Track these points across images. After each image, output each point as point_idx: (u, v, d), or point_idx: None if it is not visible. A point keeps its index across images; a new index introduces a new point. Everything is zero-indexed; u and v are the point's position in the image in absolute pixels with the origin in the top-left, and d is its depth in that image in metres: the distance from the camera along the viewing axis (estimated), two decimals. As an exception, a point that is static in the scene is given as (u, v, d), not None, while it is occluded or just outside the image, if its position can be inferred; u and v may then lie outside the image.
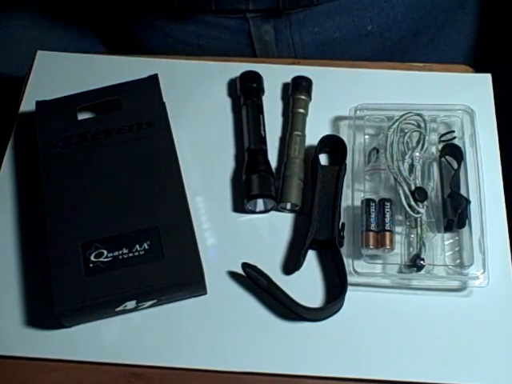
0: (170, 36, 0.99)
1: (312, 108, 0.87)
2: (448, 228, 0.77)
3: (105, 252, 0.74)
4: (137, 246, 0.75)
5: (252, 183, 0.80)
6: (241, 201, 0.81)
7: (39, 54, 0.93)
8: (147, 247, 0.75)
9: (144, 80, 0.86)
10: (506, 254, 0.78)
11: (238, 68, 0.89)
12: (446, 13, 1.02)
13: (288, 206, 0.81)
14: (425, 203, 0.76)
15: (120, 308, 0.74)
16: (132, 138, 0.81)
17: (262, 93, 0.88)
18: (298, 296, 0.74)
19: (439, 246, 0.77)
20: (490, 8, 0.96)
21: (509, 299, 0.75)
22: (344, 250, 0.77)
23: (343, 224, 0.78)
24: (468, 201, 0.78)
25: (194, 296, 0.76)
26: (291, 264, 0.78)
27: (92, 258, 0.74)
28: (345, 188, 0.80)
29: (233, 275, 0.78)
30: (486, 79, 0.89)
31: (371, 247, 0.76)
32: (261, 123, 0.85)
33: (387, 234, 0.76)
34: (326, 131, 0.85)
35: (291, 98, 0.87)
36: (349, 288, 0.75)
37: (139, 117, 0.83)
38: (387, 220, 0.76)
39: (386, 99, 0.85)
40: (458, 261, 0.77)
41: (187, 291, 0.76)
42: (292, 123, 0.85)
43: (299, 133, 0.84)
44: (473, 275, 0.75)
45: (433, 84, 0.89)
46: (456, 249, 0.78)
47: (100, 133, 0.82)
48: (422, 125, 0.81)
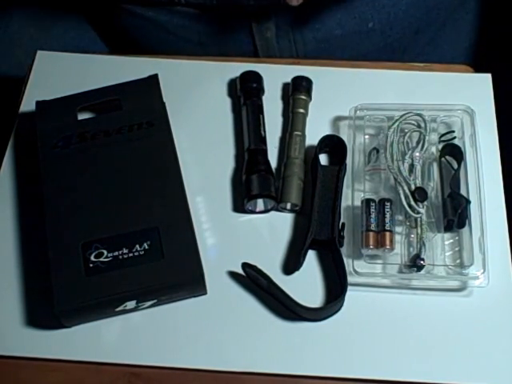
0: (171, 33, 0.99)
1: (312, 108, 0.87)
2: (448, 228, 0.77)
3: (105, 252, 0.74)
4: (137, 246, 0.75)
5: (252, 183, 0.80)
6: (241, 201, 0.81)
7: (39, 54, 0.93)
8: (147, 247, 0.75)
9: (144, 80, 0.86)
10: (506, 254, 0.78)
11: (238, 68, 0.89)
12: (447, 11, 1.02)
13: (288, 206, 0.81)
14: (425, 203, 0.76)
15: (120, 308, 0.74)
16: (132, 138, 0.81)
17: (262, 93, 0.88)
18: (298, 296, 0.74)
19: (439, 246, 0.77)
20: (491, 7, 0.96)
21: (509, 299, 0.75)
22: (344, 250, 0.77)
23: (343, 224, 0.78)
24: (468, 201, 0.78)
25: (194, 296, 0.76)
26: (291, 264, 0.78)
27: (92, 258, 0.74)
28: (345, 188, 0.80)
29: (233, 275, 0.78)
30: (486, 79, 0.89)
31: (371, 247, 0.76)
32: (261, 123, 0.85)
33: (387, 234, 0.76)
34: (326, 131, 0.85)
35: (291, 98, 0.87)
36: (349, 288, 0.75)
37: (139, 117, 0.83)
38: (387, 220, 0.76)
39: (386, 99, 0.85)
40: (458, 261, 0.77)
41: (187, 291, 0.76)
42: (292, 123, 0.85)
43: (299, 133, 0.84)
44: (473, 275, 0.75)
45: (433, 84, 0.89)
46: (456, 249, 0.78)
47: (100, 133, 0.82)
48: (422, 125, 0.81)
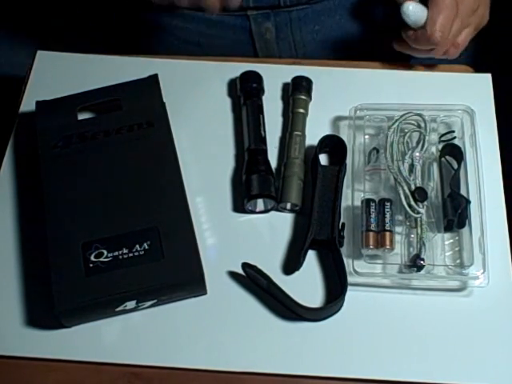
0: (172, 34, 0.99)
1: (312, 108, 0.87)
2: (448, 228, 0.77)
3: (105, 252, 0.74)
4: (137, 246, 0.75)
5: (252, 183, 0.80)
6: (241, 201, 0.81)
7: (39, 54, 0.93)
8: (147, 247, 0.75)
9: (144, 80, 0.86)
10: (506, 254, 0.78)
11: (238, 68, 0.89)
12: None
13: (288, 206, 0.81)
14: (425, 203, 0.76)
15: (120, 308, 0.74)
16: (132, 138, 0.81)
17: (262, 93, 0.88)
18: (298, 296, 0.74)
19: (439, 246, 0.77)
20: (490, 8, 0.96)
21: (509, 299, 0.76)
22: (344, 250, 0.77)
23: (343, 224, 0.78)
24: (468, 201, 0.78)
25: (194, 296, 0.76)
26: (291, 264, 0.78)
27: (92, 258, 0.74)
28: (345, 188, 0.80)
29: (233, 275, 0.78)
30: (486, 79, 0.89)
31: (371, 247, 0.76)
32: (261, 123, 0.85)
33: (387, 234, 0.76)
34: (326, 131, 0.85)
35: (291, 98, 0.87)
36: (349, 288, 0.75)
37: (139, 117, 0.83)
38: (387, 220, 0.76)
39: (386, 99, 0.85)
40: (458, 261, 0.77)
41: (187, 291, 0.76)
42: (292, 123, 0.85)
43: (299, 133, 0.84)
44: (473, 275, 0.75)
45: (433, 84, 0.89)
46: (456, 249, 0.78)
47: (100, 133, 0.82)
48: (422, 125, 0.81)
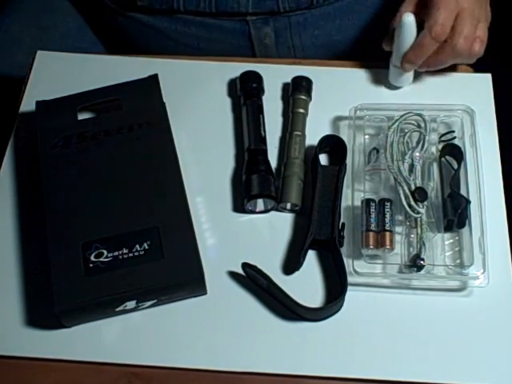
0: (171, 38, 0.99)
1: (312, 108, 0.87)
2: (448, 228, 0.77)
3: (105, 252, 0.74)
4: (137, 246, 0.75)
5: (252, 183, 0.80)
6: (241, 201, 0.81)
7: (39, 54, 0.93)
8: (147, 247, 0.75)
9: (144, 80, 0.86)
10: (506, 254, 0.78)
11: (238, 68, 0.89)
12: None
13: (288, 206, 0.81)
14: (425, 203, 0.76)
15: (120, 308, 0.74)
16: (132, 138, 0.81)
17: (262, 93, 0.88)
18: (298, 296, 0.74)
19: (439, 246, 0.77)
20: (491, 7, 0.96)
21: (509, 299, 0.76)
22: (344, 250, 0.77)
23: (343, 224, 0.78)
24: (468, 201, 0.78)
25: (194, 296, 0.76)
26: (291, 264, 0.78)
27: (92, 258, 0.74)
28: (345, 188, 0.80)
29: (233, 275, 0.78)
30: (486, 79, 0.89)
31: (371, 247, 0.76)
32: (261, 123, 0.85)
33: (387, 234, 0.76)
34: (326, 131, 0.85)
35: (291, 98, 0.87)
36: (349, 288, 0.75)
37: (139, 117, 0.83)
38: (387, 220, 0.76)
39: (386, 99, 0.85)
40: (458, 261, 0.77)
41: (187, 291, 0.76)
42: (292, 123, 0.85)
43: (299, 133, 0.84)
44: (473, 275, 0.75)
45: (433, 84, 0.89)
46: (456, 249, 0.78)
47: (100, 133, 0.82)
48: (422, 125, 0.81)
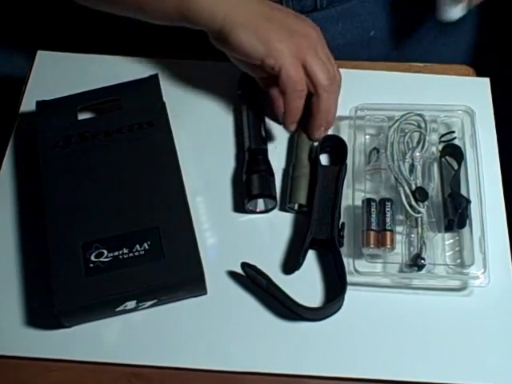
0: (175, 37, 0.99)
1: (312, 108, 0.87)
2: (448, 228, 0.77)
3: (105, 252, 0.74)
4: (137, 246, 0.75)
5: (252, 183, 0.80)
6: (241, 201, 0.81)
7: (39, 54, 0.93)
8: (147, 247, 0.74)
9: (144, 80, 0.86)
10: (506, 254, 0.78)
11: (238, 68, 0.89)
12: None
13: (296, 207, 0.81)
14: (425, 203, 0.76)
15: (120, 308, 0.74)
16: (132, 138, 0.81)
17: (262, 93, 0.88)
18: (298, 296, 0.74)
19: (440, 246, 0.77)
20: (490, 8, 0.96)
21: (509, 299, 0.76)
22: (345, 250, 0.77)
23: (343, 224, 0.78)
24: (468, 201, 0.78)
25: (194, 296, 0.76)
26: (291, 264, 0.78)
27: (92, 258, 0.74)
28: (345, 188, 0.80)
29: (233, 275, 0.78)
30: (485, 83, 0.89)
31: (372, 246, 0.76)
32: (261, 123, 0.85)
33: (388, 234, 0.76)
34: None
35: None
36: (349, 288, 0.75)
37: (139, 117, 0.83)
38: (388, 220, 0.76)
39: (387, 99, 0.85)
40: (459, 260, 0.77)
41: (187, 291, 0.76)
42: None
43: None
44: (473, 275, 0.75)
45: (432, 86, 0.89)
46: (456, 248, 0.78)
47: (100, 133, 0.82)
48: (423, 125, 0.81)
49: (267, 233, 0.82)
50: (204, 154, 0.85)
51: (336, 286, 0.76)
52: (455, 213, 0.77)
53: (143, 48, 1.00)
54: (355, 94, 0.86)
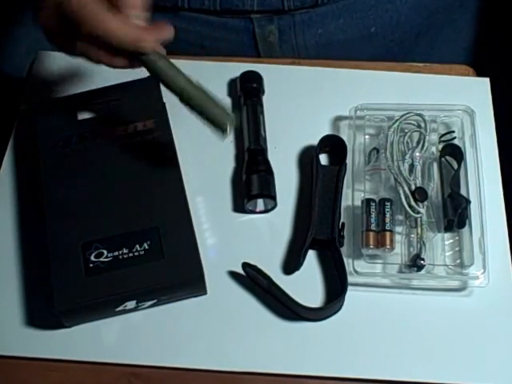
0: (174, 36, 0.99)
1: (312, 108, 0.87)
2: (448, 228, 0.77)
3: (105, 252, 0.74)
4: (137, 246, 0.75)
5: (252, 183, 0.80)
6: (241, 201, 0.81)
7: (39, 54, 0.93)
8: (147, 247, 0.74)
9: (144, 80, 0.86)
10: (506, 254, 0.78)
11: (238, 68, 0.89)
12: (447, 13, 1.02)
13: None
14: (425, 203, 0.76)
15: (120, 308, 0.74)
16: (132, 138, 0.81)
17: (262, 93, 0.88)
18: (298, 296, 0.74)
19: (439, 246, 0.77)
20: (490, 7, 0.97)
21: (509, 299, 0.76)
22: (344, 250, 0.77)
23: (343, 224, 0.78)
24: (468, 201, 0.78)
25: (194, 296, 0.76)
26: (291, 264, 0.78)
27: (92, 258, 0.74)
28: (345, 188, 0.80)
29: (233, 275, 0.78)
30: (485, 83, 0.89)
31: (371, 247, 0.76)
32: (261, 123, 0.85)
33: (387, 234, 0.76)
34: (326, 131, 0.85)
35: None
36: (349, 288, 0.75)
37: (139, 117, 0.83)
38: (387, 220, 0.76)
39: (387, 99, 0.85)
40: (458, 261, 0.77)
41: (187, 291, 0.76)
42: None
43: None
44: (473, 275, 0.75)
45: (432, 87, 0.89)
46: (456, 249, 0.78)
47: (100, 133, 0.82)
48: (422, 125, 0.81)
49: (267, 233, 0.82)
50: (204, 154, 0.85)
51: (336, 286, 0.76)
52: (455, 213, 0.77)
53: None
54: (355, 94, 0.86)
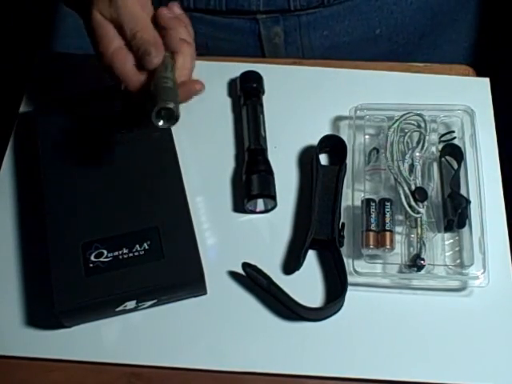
0: None
1: (312, 108, 0.87)
2: (448, 228, 0.77)
3: (105, 252, 0.74)
4: (137, 246, 0.75)
5: (252, 183, 0.80)
6: (241, 201, 0.81)
7: (39, 54, 0.93)
8: (147, 247, 0.75)
9: (144, 80, 0.86)
10: (506, 254, 0.78)
11: (239, 68, 0.89)
12: (450, 14, 1.02)
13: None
14: (425, 203, 0.76)
15: (120, 308, 0.74)
16: (132, 138, 0.81)
17: (262, 93, 0.88)
18: (298, 296, 0.74)
19: (439, 246, 0.77)
20: (490, 7, 0.97)
21: (509, 299, 0.76)
22: (344, 250, 0.77)
23: (343, 224, 0.78)
24: (468, 201, 0.78)
25: (194, 296, 0.76)
26: (291, 264, 0.78)
27: (92, 258, 0.74)
28: (345, 188, 0.80)
29: (233, 275, 0.78)
30: (485, 83, 0.89)
31: (371, 247, 0.76)
32: (261, 123, 0.85)
33: (387, 234, 0.76)
34: (326, 131, 0.85)
35: None
36: (349, 288, 0.75)
37: (139, 116, 0.83)
38: (387, 220, 0.76)
39: (386, 99, 0.85)
40: (458, 261, 0.77)
41: (187, 291, 0.76)
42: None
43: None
44: (473, 275, 0.75)
45: (432, 87, 0.89)
46: (456, 249, 0.78)
47: (100, 133, 0.82)
48: (422, 125, 0.81)
49: (267, 233, 0.82)
50: (204, 154, 0.85)
51: (336, 286, 0.76)
52: (455, 213, 0.77)
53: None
54: (355, 94, 0.86)
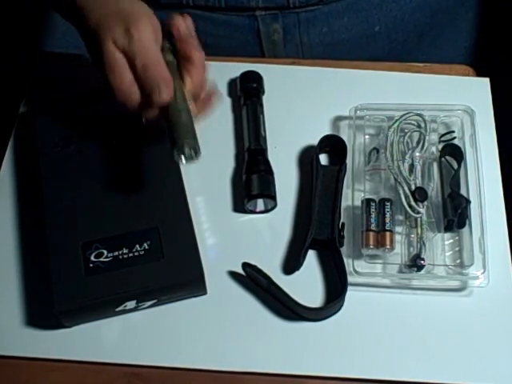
0: None
1: (312, 108, 0.87)
2: (448, 228, 0.77)
3: (105, 252, 0.74)
4: (137, 246, 0.75)
5: (252, 183, 0.80)
6: (241, 201, 0.81)
7: (39, 54, 0.93)
8: (147, 247, 0.75)
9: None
10: (506, 254, 0.78)
11: (238, 68, 0.89)
12: (450, 12, 1.02)
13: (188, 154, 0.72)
14: (425, 203, 0.76)
15: (120, 308, 0.74)
16: (132, 138, 0.81)
17: (262, 93, 0.88)
18: (298, 296, 0.74)
19: (439, 246, 0.77)
20: (490, 6, 0.97)
21: (509, 299, 0.76)
22: (344, 250, 0.77)
23: (343, 224, 0.78)
24: (468, 201, 0.78)
25: (194, 296, 0.76)
26: (291, 264, 0.78)
27: (92, 258, 0.74)
28: (345, 188, 0.80)
29: (233, 275, 0.78)
30: (485, 83, 0.89)
31: (371, 247, 0.76)
32: (261, 123, 0.85)
33: (387, 234, 0.76)
34: (326, 131, 0.85)
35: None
36: (349, 288, 0.75)
37: (139, 117, 0.82)
38: (387, 220, 0.76)
39: (386, 99, 0.85)
40: (458, 261, 0.77)
41: (187, 291, 0.76)
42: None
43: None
44: (473, 275, 0.75)
45: (432, 86, 0.89)
46: (456, 249, 0.78)
47: (100, 133, 0.82)
48: (422, 125, 0.81)
49: (267, 233, 0.82)
50: (204, 154, 0.85)
51: (336, 286, 0.76)
52: (455, 213, 0.77)
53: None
54: (355, 94, 0.86)
